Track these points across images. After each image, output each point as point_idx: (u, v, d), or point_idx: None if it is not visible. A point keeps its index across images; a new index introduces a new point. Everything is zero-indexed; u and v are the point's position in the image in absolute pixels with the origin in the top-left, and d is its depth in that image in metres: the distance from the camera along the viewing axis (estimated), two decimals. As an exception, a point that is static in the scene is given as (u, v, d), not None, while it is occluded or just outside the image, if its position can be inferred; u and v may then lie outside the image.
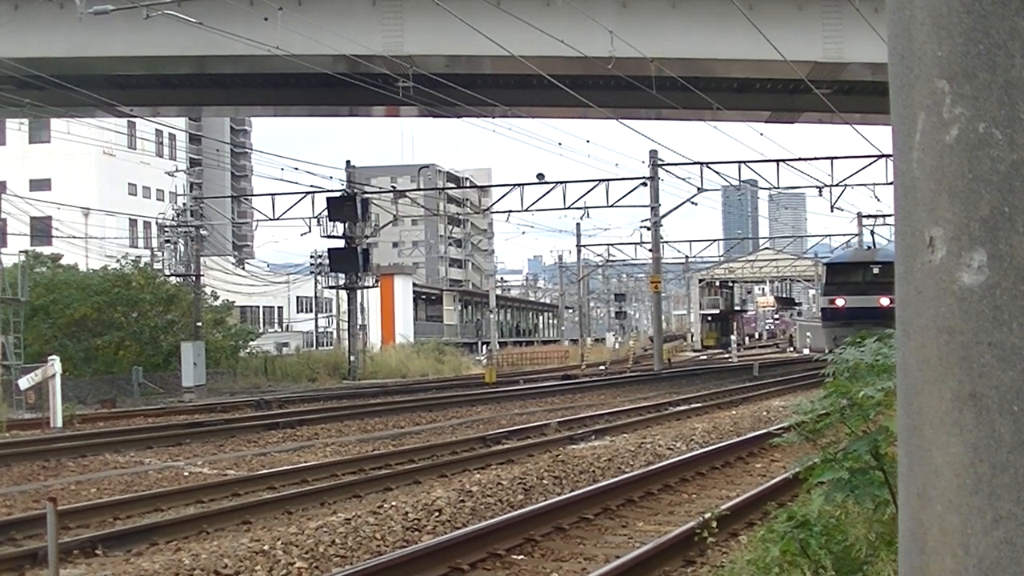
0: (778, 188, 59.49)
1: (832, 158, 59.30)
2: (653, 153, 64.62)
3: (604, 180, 62.09)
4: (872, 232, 73.09)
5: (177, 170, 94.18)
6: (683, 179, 62.47)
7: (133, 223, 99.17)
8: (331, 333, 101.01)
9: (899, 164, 2.93)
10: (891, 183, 3.01)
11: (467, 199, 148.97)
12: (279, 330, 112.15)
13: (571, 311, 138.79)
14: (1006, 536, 2.75)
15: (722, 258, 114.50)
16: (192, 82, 52.25)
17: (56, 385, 35.46)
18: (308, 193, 63.13)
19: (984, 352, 2.77)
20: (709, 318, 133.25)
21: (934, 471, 2.84)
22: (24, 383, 37.96)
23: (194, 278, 62.43)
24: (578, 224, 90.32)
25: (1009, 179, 2.74)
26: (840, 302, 60.01)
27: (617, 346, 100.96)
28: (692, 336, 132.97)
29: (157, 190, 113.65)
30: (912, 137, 2.87)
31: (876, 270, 59.76)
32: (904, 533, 2.98)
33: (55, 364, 35.68)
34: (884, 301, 55.58)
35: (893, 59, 2.94)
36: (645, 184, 63.96)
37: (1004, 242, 2.75)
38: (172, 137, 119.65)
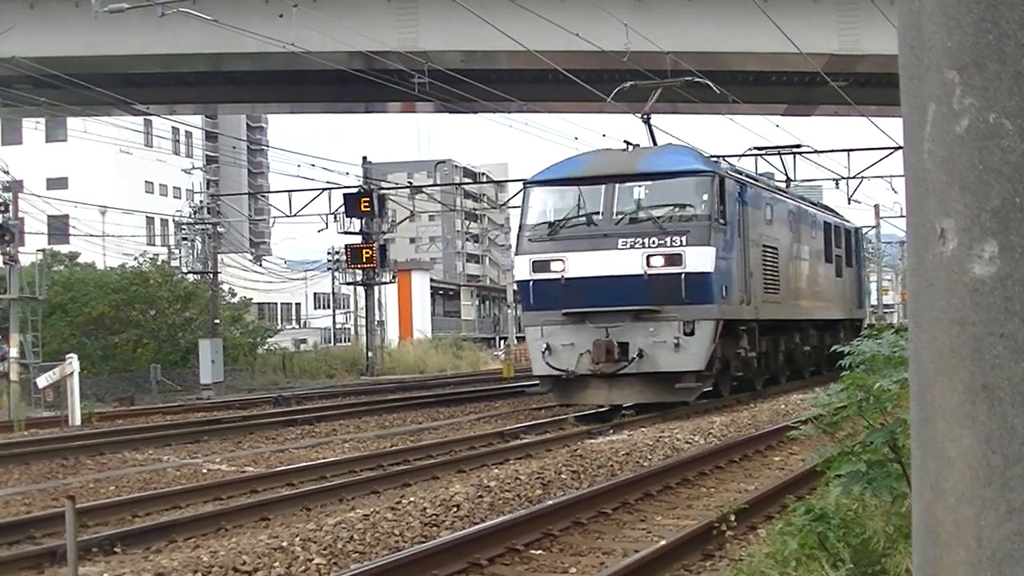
0: (795, 180, 58.99)
1: (849, 150, 58.98)
2: (669, 147, 64.38)
3: (621, 174, 61.88)
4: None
5: (194, 168, 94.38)
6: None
7: (150, 221, 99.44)
8: (349, 329, 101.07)
9: (910, 155, 2.92)
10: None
11: (484, 194, 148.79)
12: (297, 327, 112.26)
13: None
14: (1019, 528, 2.75)
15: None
16: (208, 80, 52.27)
17: (74, 383, 35.55)
18: (325, 189, 63.00)
19: (996, 343, 2.76)
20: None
21: (947, 463, 2.84)
22: (42, 381, 38.05)
23: (211, 275, 62.46)
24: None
25: (1020, 170, 2.74)
26: (558, 267, 30.57)
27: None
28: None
29: (174, 188, 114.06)
30: (923, 128, 2.86)
31: (642, 194, 31.01)
32: (917, 525, 2.97)
33: (73, 362, 35.75)
34: (657, 261, 29.74)
35: (903, 50, 2.94)
36: (662, 177, 63.75)
37: (1015, 233, 2.74)
38: (188, 135, 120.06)
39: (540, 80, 49.04)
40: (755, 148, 50.60)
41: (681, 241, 29.69)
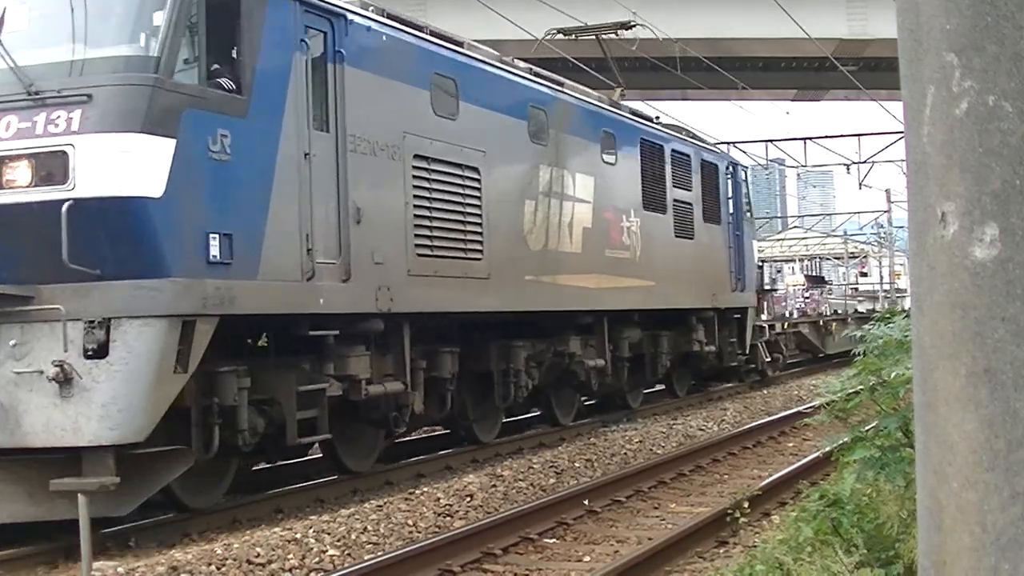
0: (805, 166, 58.82)
1: (859, 135, 58.92)
2: (680, 134, 64.31)
3: (631, 162, 61.54)
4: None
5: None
6: (710, 159, 61.99)
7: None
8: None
9: (910, 139, 2.91)
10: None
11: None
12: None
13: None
14: (1023, 513, 2.74)
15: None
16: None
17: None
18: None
19: (998, 327, 2.75)
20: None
21: (950, 448, 2.83)
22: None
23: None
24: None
25: (1019, 152, 2.73)
26: None
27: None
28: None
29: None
30: (922, 112, 2.85)
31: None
32: (922, 511, 2.97)
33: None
34: (19, 174, 12.75)
35: (902, 34, 2.93)
36: (673, 165, 63.61)
37: (1016, 215, 2.73)
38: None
39: (548, 69, 48.91)
40: (556, 29, 32.47)
41: (70, 122, 12.90)
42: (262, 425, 14.78)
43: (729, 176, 31.29)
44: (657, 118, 29.36)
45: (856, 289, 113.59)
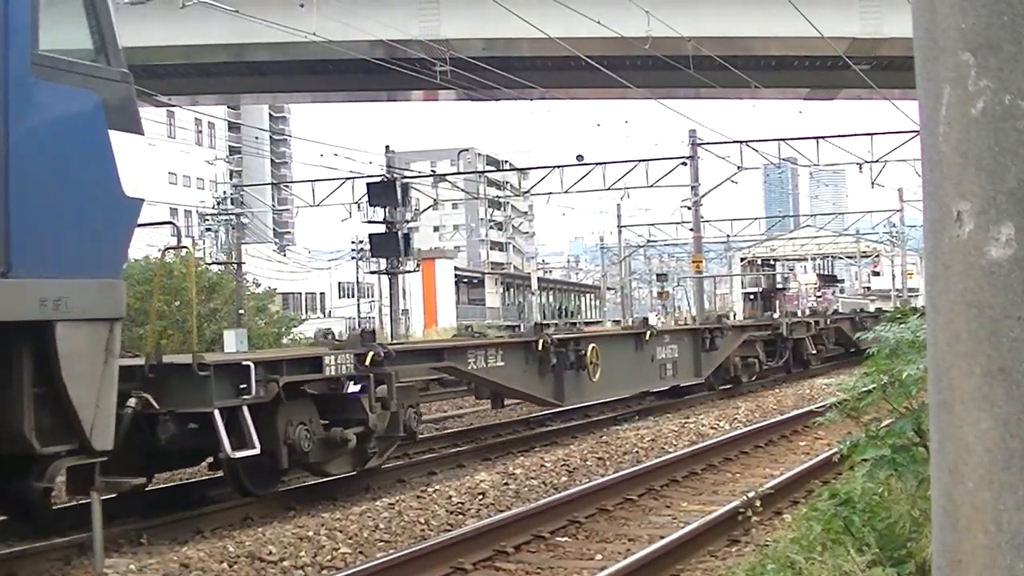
0: (818, 165, 58.64)
1: (871, 134, 58.72)
2: (692, 132, 64.24)
3: (644, 160, 61.56)
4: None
5: (217, 158, 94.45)
6: (723, 158, 61.91)
7: (174, 212, 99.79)
8: (373, 318, 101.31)
9: (926, 138, 2.91)
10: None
11: (507, 182, 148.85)
12: (321, 316, 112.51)
13: (613, 292, 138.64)
14: (1038, 511, 2.74)
15: (763, 236, 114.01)
16: (230, 70, 52.29)
17: (101, 375, 35.56)
18: (348, 179, 62.97)
19: (1013, 326, 2.75)
20: (751, 296, 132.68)
21: (965, 447, 2.83)
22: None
23: (236, 266, 62.51)
24: (618, 205, 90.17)
25: (1036, 151, 2.73)
26: None
27: (659, 326, 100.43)
28: (734, 315, 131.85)
29: (197, 178, 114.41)
30: (938, 111, 2.85)
31: None
32: (936, 510, 2.96)
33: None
34: None
35: (918, 32, 2.92)
36: (685, 164, 63.55)
37: (1032, 215, 2.73)
38: (211, 125, 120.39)
39: (562, 67, 48.98)
40: None
41: None
42: None
43: None
44: None
45: (869, 288, 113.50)
